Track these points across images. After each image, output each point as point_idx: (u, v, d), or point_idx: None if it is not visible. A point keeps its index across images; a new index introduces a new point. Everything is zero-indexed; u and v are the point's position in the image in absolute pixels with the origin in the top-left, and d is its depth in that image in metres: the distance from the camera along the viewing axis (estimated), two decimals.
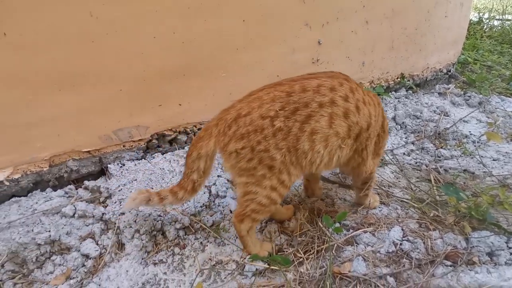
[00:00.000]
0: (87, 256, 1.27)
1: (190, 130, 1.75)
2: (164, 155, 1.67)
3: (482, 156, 1.88)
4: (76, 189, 1.50)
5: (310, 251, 1.24)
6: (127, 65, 1.44)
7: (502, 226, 1.31)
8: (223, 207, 1.47)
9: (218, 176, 1.59)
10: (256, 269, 1.20)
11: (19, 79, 1.25)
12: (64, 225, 1.33)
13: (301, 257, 1.22)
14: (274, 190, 1.07)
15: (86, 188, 1.50)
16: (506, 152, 1.96)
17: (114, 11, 1.33)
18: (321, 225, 1.34)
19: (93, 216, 1.38)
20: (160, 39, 1.47)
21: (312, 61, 2.01)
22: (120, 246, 1.34)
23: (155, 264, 1.27)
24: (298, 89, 1.04)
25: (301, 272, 1.16)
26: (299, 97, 1.03)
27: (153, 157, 1.65)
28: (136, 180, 1.51)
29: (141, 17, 1.40)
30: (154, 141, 1.67)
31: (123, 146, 1.58)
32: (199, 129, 1.78)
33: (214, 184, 1.55)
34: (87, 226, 1.37)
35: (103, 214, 1.39)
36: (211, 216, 1.43)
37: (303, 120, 1.02)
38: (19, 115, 1.30)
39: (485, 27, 5.05)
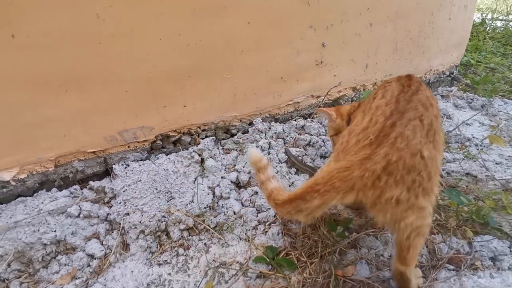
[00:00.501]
0: (92, 256, 1.29)
1: (194, 131, 1.76)
2: (168, 156, 1.67)
3: (484, 160, 1.89)
4: (81, 189, 1.51)
5: (314, 255, 1.25)
6: (133, 67, 1.44)
7: (504, 231, 1.31)
8: (226, 208, 1.48)
9: (222, 177, 1.60)
10: (260, 271, 1.21)
11: (27, 80, 1.26)
12: (70, 225, 1.34)
13: (304, 261, 1.23)
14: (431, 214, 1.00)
15: (91, 189, 1.50)
16: (509, 156, 1.96)
17: (120, 13, 1.34)
18: (323, 230, 1.35)
19: (98, 217, 1.39)
20: (166, 41, 1.47)
21: (316, 63, 2.02)
22: (125, 246, 1.35)
23: (159, 264, 1.28)
24: (422, 109, 1.00)
25: (304, 275, 1.17)
26: (427, 118, 0.98)
27: (157, 158, 1.66)
28: (140, 180, 1.51)
29: (148, 19, 1.40)
30: (158, 142, 1.67)
31: (128, 146, 1.59)
32: (203, 130, 1.79)
33: (218, 185, 1.56)
34: (92, 226, 1.38)
35: (107, 214, 1.40)
36: (214, 217, 1.44)
37: (432, 139, 0.98)
38: (26, 115, 1.30)
39: (488, 28, 5.04)
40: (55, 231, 1.27)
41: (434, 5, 2.48)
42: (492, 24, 5.20)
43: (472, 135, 2.20)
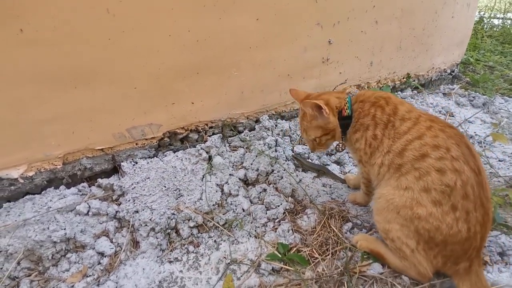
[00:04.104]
0: (102, 254, 1.28)
1: (202, 129, 1.75)
2: (176, 153, 1.67)
3: (488, 157, 1.91)
4: (90, 186, 1.50)
5: (325, 252, 1.26)
6: (142, 63, 1.43)
7: (510, 226, 1.33)
8: (235, 205, 1.48)
9: (230, 175, 1.60)
10: (272, 267, 1.21)
11: (35, 76, 1.24)
12: (79, 223, 1.33)
13: (317, 258, 1.24)
14: None
15: (99, 186, 1.49)
16: (511, 153, 1.99)
17: (130, 9, 1.32)
18: (334, 227, 1.36)
19: (107, 214, 1.38)
20: (175, 37, 1.46)
21: (322, 60, 2.02)
22: (135, 244, 1.34)
23: (170, 262, 1.27)
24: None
25: (318, 271, 1.18)
26: None
27: (165, 155, 1.65)
28: (149, 178, 1.51)
29: (157, 15, 1.39)
30: (166, 139, 1.66)
31: (136, 144, 1.58)
32: (210, 127, 1.78)
33: (226, 183, 1.55)
34: (101, 224, 1.37)
35: (116, 212, 1.39)
36: (223, 214, 1.44)
37: None
38: (34, 112, 1.29)
39: (485, 26, 5.08)
40: (64, 228, 1.26)
41: (438, 3, 2.49)
42: (490, 22, 5.25)
43: (474, 132, 2.22)
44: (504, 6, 5.96)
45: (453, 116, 2.43)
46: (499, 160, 1.92)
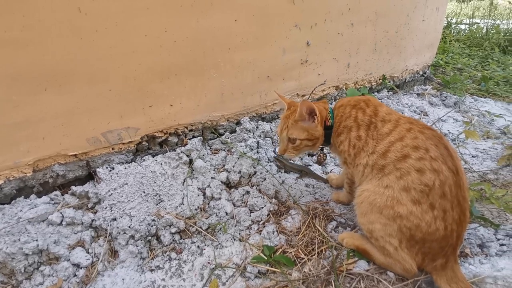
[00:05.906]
0: (78, 266, 1.21)
1: (181, 132, 1.71)
2: (155, 157, 1.61)
3: (462, 153, 1.98)
4: (63, 195, 1.42)
5: (311, 252, 1.25)
6: (117, 64, 1.38)
7: (488, 219, 1.37)
8: (218, 209, 1.44)
9: (212, 178, 1.56)
10: (259, 270, 1.18)
11: (2, 78, 1.17)
12: (52, 234, 1.25)
13: (303, 258, 1.22)
14: None
15: (73, 194, 1.41)
16: (483, 149, 2.07)
17: (104, 8, 1.27)
18: (319, 227, 1.35)
19: (82, 223, 1.31)
20: (152, 37, 1.42)
21: (301, 62, 2.03)
22: (113, 253, 1.28)
23: (151, 270, 1.22)
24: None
25: (304, 271, 1.16)
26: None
27: (143, 160, 1.59)
28: (127, 184, 1.45)
29: (132, 14, 1.35)
30: (144, 143, 1.61)
31: (112, 148, 1.51)
32: (190, 130, 1.74)
33: (208, 186, 1.52)
34: (76, 233, 1.30)
35: (92, 220, 1.32)
36: (206, 219, 1.41)
37: None
38: (2, 116, 1.21)
39: (453, 31, 5.33)
40: (36, 240, 1.19)
41: (410, 7, 2.58)
42: (457, 27, 5.51)
43: (448, 130, 2.30)
44: (471, 12, 6.27)
45: (427, 115, 2.51)
46: (473, 156, 2.00)
